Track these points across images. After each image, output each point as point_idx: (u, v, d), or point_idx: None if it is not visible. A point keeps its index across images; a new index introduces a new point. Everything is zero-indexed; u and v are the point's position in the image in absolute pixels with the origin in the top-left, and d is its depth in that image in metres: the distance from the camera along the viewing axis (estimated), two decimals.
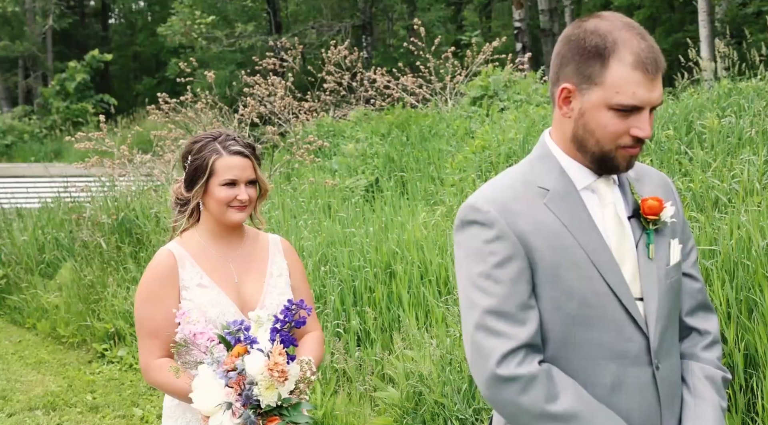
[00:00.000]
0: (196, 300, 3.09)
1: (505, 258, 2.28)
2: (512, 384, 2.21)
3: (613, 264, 2.28)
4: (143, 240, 9.22)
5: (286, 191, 9.15)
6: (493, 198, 2.34)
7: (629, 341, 2.28)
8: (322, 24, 21.29)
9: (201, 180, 3.17)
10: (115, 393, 7.57)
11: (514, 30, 17.90)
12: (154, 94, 31.81)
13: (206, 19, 20.08)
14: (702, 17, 15.40)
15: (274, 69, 12.29)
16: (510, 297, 2.26)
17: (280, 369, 2.64)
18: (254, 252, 3.30)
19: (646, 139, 2.23)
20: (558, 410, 2.21)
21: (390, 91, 12.34)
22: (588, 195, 2.35)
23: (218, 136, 3.23)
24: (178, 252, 3.18)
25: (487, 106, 10.32)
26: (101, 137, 10.62)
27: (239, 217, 3.18)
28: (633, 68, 2.19)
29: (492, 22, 27.29)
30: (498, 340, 2.24)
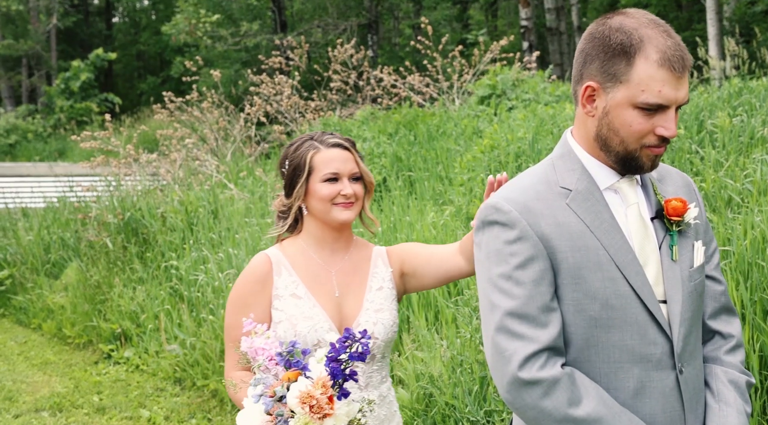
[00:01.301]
0: (287, 311, 2.84)
1: (526, 259, 2.23)
2: (534, 388, 2.16)
3: (636, 265, 2.24)
4: (149, 240, 9.17)
5: None
6: (515, 198, 2.29)
7: (652, 344, 2.24)
8: (328, 23, 21.24)
9: (300, 179, 2.90)
10: (121, 394, 7.53)
11: (521, 29, 17.82)
12: (158, 93, 31.90)
13: (211, 17, 20.02)
14: (710, 15, 15.31)
15: (280, 68, 12.23)
16: (532, 299, 2.21)
17: (315, 404, 2.31)
18: (358, 264, 3.00)
19: (671, 138, 2.19)
20: (581, 414, 2.16)
21: (397, 90, 12.28)
22: (611, 195, 2.31)
23: (314, 135, 2.99)
24: (275, 258, 2.94)
25: (495, 105, 10.26)
26: (107, 136, 10.57)
27: (346, 216, 2.90)
28: (659, 66, 2.14)
29: (498, 21, 27.24)
30: (520, 343, 2.19)
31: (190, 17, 20.21)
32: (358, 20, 21.56)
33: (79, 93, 26.87)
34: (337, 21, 21.17)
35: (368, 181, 2.99)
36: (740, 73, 10.89)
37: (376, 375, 2.94)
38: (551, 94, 10.22)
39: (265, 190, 9.51)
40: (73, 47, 36.83)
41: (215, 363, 7.14)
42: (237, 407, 2.77)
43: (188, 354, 7.50)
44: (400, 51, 22.24)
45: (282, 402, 2.36)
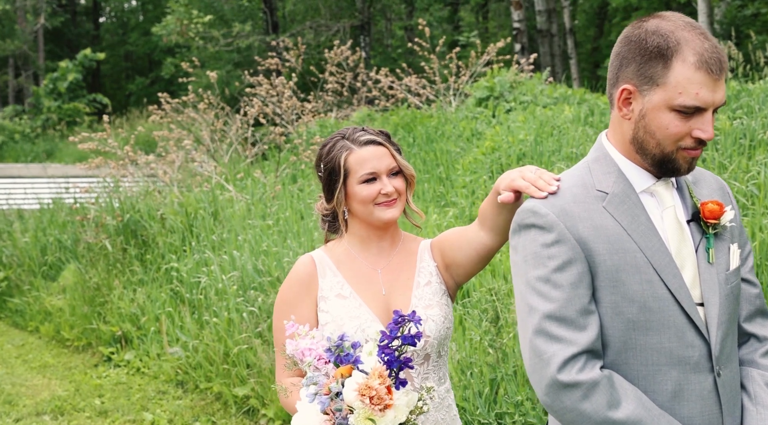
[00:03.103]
0: (333, 312, 2.77)
1: (564, 262, 2.25)
2: (574, 391, 2.18)
3: (673, 268, 2.26)
4: (149, 242, 9.14)
5: (293, 192, 9.07)
6: (552, 201, 2.31)
7: (690, 347, 2.25)
8: (320, 24, 21.23)
9: (338, 184, 2.80)
10: (123, 397, 7.49)
11: (513, 31, 17.87)
12: (147, 94, 31.79)
13: (203, 18, 19.96)
14: (702, 18, 15.39)
15: (277, 69, 12.21)
16: (570, 302, 2.23)
17: (374, 395, 2.25)
18: (404, 261, 2.90)
19: (708, 140, 2.21)
20: (620, 417, 2.17)
21: (393, 91, 12.28)
22: (647, 198, 2.32)
23: (345, 132, 2.87)
24: (319, 259, 2.87)
25: (493, 107, 10.28)
26: (104, 137, 10.52)
27: (391, 214, 2.79)
28: (696, 68, 2.16)
29: (489, 23, 27.30)
30: (558, 346, 2.21)
31: (181, 18, 20.14)
32: (351, 21, 21.56)
33: (67, 93, 26.71)
34: (330, 22, 21.17)
35: (408, 174, 2.86)
36: (735, 76, 10.94)
37: (432, 376, 2.83)
38: (549, 96, 10.25)
39: (264, 192, 9.50)
40: (60, 47, 36.64)
41: (218, 365, 7.12)
42: (287, 414, 2.74)
43: (190, 357, 7.47)
44: (393, 52, 22.29)
45: (339, 399, 2.32)
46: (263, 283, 7.16)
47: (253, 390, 6.75)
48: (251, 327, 6.87)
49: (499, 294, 5.64)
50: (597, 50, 24.30)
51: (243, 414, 6.76)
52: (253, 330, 6.87)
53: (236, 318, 7.03)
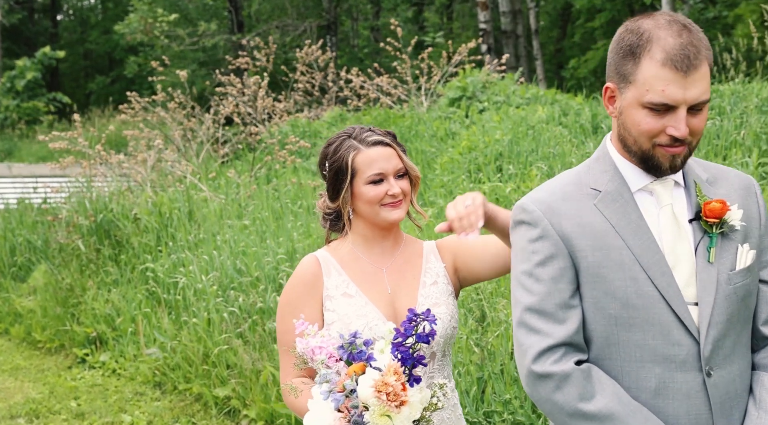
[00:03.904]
0: (339, 311, 2.77)
1: (546, 257, 2.32)
2: (548, 382, 2.26)
3: (662, 266, 2.27)
4: (123, 242, 9.04)
5: (269, 192, 9.04)
6: (541, 198, 2.38)
7: (677, 345, 2.26)
8: (287, 24, 21.15)
9: (344, 184, 2.80)
10: (100, 399, 7.41)
11: (479, 32, 17.96)
12: (108, 93, 31.37)
13: (168, 17, 19.79)
14: None
15: (247, 68, 12.16)
16: (550, 296, 2.30)
17: (390, 392, 2.26)
18: (409, 261, 2.90)
19: (682, 138, 2.20)
20: (591, 409, 2.23)
21: (364, 91, 12.29)
22: (644, 196, 2.34)
23: (352, 131, 2.86)
24: (323, 259, 2.86)
25: (466, 107, 10.34)
26: (74, 136, 10.38)
27: (396, 215, 2.80)
28: (662, 65, 2.17)
29: (453, 24, 27.43)
30: (535, 337, 2.29)
31: (145, 16, 19.95)
32: (317, 21, 21.53)
33: (26, 92, 26.29)
34: (296, 22, 21.11)
35: (414, 175, 2.88)
36: None
37: (437, 375, 2.85)
38: (521, 96, 10.34)
39: (238, 192, 9.45)
40: (18, 45, 36.05)
41: (198, 366, 7.07)
42: (293, 415, 2.69)
43: (168, 358, 7.41)
44: (360, 52, 22.29)
45: (353, 396, 2.32)
46: (243, 283, 7.13)
47: (234, 390, 6.71)
48: (232, 328, 6.84)
49: (484, 293, 5.68)
50: (560, 52, 24.54)
51: (224, 415, 6.72)
52: (234, 330, 6.84)
53: (216, 319, 6.99)
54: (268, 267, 7.16)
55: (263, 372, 6.43)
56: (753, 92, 8.34)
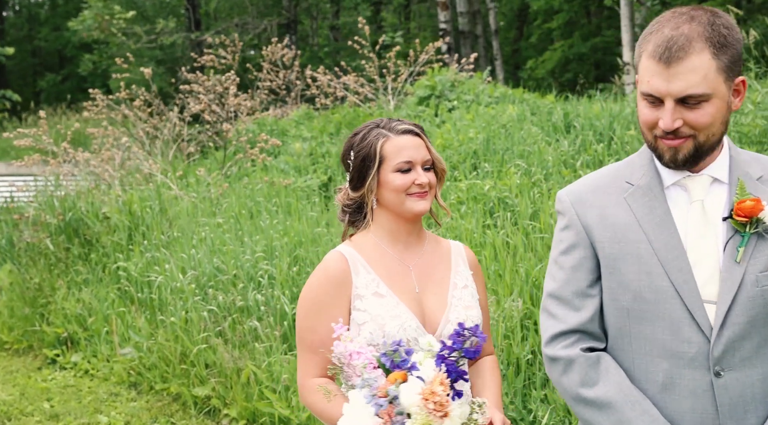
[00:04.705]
0: (371, 311, 2.67)
1: (569, 246, 2.39)
2: (556, 365, 2.35)
3: (681, 262, 2.25)
4: (93, 241, 8.90)
5: (241, 190, 8.98)
6: (574, 189, 2.45)
7: (687, 342, 2.25)
8: (247, 22, 21.00)
9: (371, 171, 2.74)
10: (74, 400, 7.29)
11: (440, 31, 18.04)
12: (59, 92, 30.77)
13: (126, 14, 19.50)
14: (624, 22, 15.81)
15: (213, 66, 12.05)
16: (568, 283, 2.37)
17: (437, 401, 2.25)
18: (436, 259, 2.85)
19: (667, 130, 2.20)
20: (591, 395, 2.29)
21: (331, 89, 12.26)
22: (678, 192, 2.33)
23: (380, 122, 2.82)
24: (350, 256, 2.75)
25: (435, 106, 10.38)
26: (39, 134, 10.19)
27: (422, 206, 2.74)
28: (649, 57, 2.21)
29: (410, 24, 27.50)
30: (551, 322, 2.38)
31: (101, 13, 19.63)
32: (277, 20, 21.40)
33: None
34: (256, 20, 20.96)
35: (440, 168, 2.84)
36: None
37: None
38: (490, 95, 10.41)
39: (208, 190, 9.37)
40: None
41: (175, 365, 6.99)
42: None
43: (144, 358, 7.32)
44: (320, 51, 22.23)
45: (396, 403, 2.30)
46: (221, 282, 7.08)
47: (214, 390, 6.66)
48: (211, 327, 6.78)
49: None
50: (517, 52, 24.75)
51: (204, 414, 6.66)
52: (213, 329, 6.78)
53: (194, 317, 6.93)
54: (247, 265, 7.12)
55: (244, 371, 6.39)
56: None
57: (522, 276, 5.89)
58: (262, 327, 6.54)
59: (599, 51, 19.99)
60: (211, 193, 9.05)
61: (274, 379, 6.23)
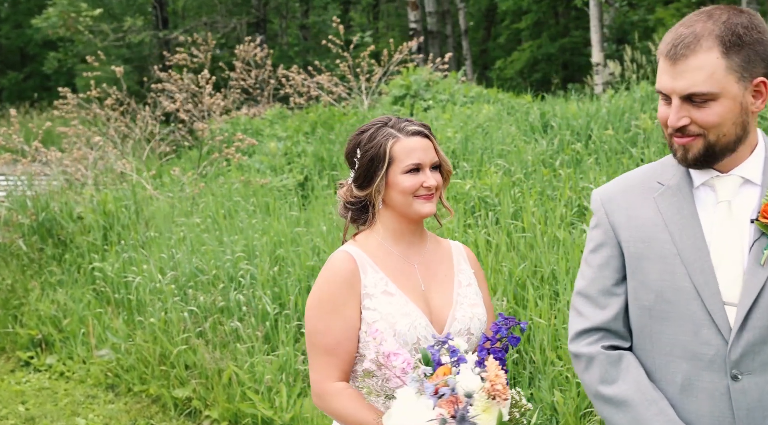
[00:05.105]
0: (381, 310, 2.67)
1: (598, 244, 2.41)
2: (579, 361, 2.39)
3: (704, 263, 2.23)
4: (67, 241, 8.78)
5: (218, 190, 8.92)
6: (606, 188, 2.46)
7: (706, 344, 2.23)
8: (216, 21, 20.85)
9: (380, 171, 2.72)
10: (50, 403, 7.18)
11: (410, 31, 18.08)
12: (21, 90, 30.29)
13: (93, 11, 19.25)
14: (593, 23, 15.97)
15: (185, 64, 11.95)
16: (595, 282, 2.39)
17: (502, 383, 2.29)
18: (439, 258, 2.87)
19: (673, 127, 2.21)
20: (608, 393, 2.31)
21: (305, 89, 12.22)
22: (707, 192, 2.31)
23: (388, 120, 2.79)
24: (357, 255, 2.75)
25: (410, 106, 10.39)
26: (8, 133, 10.03)
27: (428, 208, 2.75)
28: (660, 54, 2.24)
29: (379, 23, 27.50)
30: (577, 319, 2.41)
31: (66, 11, 19.37)
32: (247, 19, 21.29)
33: None
34: (225, 19, 20.83)
35: (447, 170, 2.83)
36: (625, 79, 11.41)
37: None
38: (465, 95, 10.44)
39: (182, 190, 9.29)
40: None
41: (154, 367, 6.92)
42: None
43: (122, 359, 7.23)
44: (290, 50, 22.14)
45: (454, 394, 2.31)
46: (201, 282, 7.02)
47: (194, 391, 6.59)
48: (192, 327, 6.71)
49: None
50: (485, 53, 24.85)
51: (184, 416, 6.60)
52: (194, 330, 6.72)
53: (174, 318, 6.86)
54: (227, 266, 7.06)
55: (226, 372, 6.34)
56: None
57: (506, 276, 5.91)
58: (243, 327, 6.50)
59: (567, 51, 20.16)
60: (187, 193, 8.97)
61: (257, 380, 6.19)
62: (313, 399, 2.75)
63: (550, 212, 6.58)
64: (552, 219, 6.49)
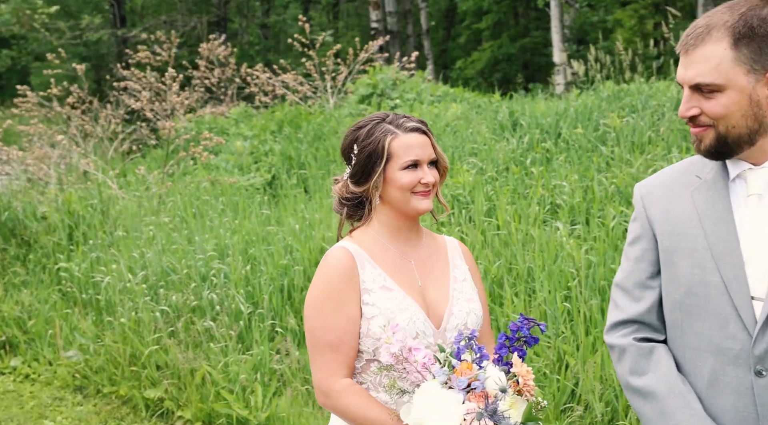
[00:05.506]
0: (380, 305, 2.66)
1: (635, 237, 2.42)
2: (613, 352, 2.41)
3: (734, 257, 2.21)
4: (31, 241, 8.61)
5: (186, 189, 8.82)
6: (647, 182, 2.47)
7: (732, 339, 2.21)
8: (176, 19, 20.62)
9: (378, 167, 2.70)
10: (15, 406, 7.03)
11: (371, 31, 18.07)
12: None
13: (48, 8, 18.91)
14: (554, 23, 16.11)
15: (149, 63, 11.79)
16: (631, 274, 2.41)
17: (530, 381, 2.32)
18: (434, 254, 2.87)
19: (682, 117, 2.22)
20: (637, 384, 2.33)
21: (269, 87, 12.14)
22: (741, 185, 2.27)
23: (385, 116, 2.77)
24: (355, 251, 2.73)
25: (377, 105, 10.38)
26: None
27: (426, 205, 2.73)
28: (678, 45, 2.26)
29: (339, 23, 27.44)
30: (614, 311, 2.43)
31: (21, 7, 19.02)
32: (207, 18, 21.10)
33: None
34: (185, 18, 20.61)
35: (443, 166, 2.82)
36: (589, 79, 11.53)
37: None
38: (432, 94, 10.46)
39: (147, 189, 9.18)
40: None
41: (125, 368, 6.82)
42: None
43: (91, 360, 7.11)
44: (251, 49, 21.98)
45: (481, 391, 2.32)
46: (172, 281, 6.93)
47: (166, 391, 6.51)
48: (164, 327, 6.63)
49: None
50: (445, 52, 24.93)
51: (156, 417, 6.50)
52: (166, 329, 6.63)
53: (145, 318, 6.76)
54: (199, 265, 6.99)
55: (199, 372, 6.27)
56: (660, 91, 8.71)
57: (481, 274, 5.92)
58: (217, 327, 6.43)
59: (528, 52, 20.30)
60: (153, 192, 8.86)
61: (231, 379, 6.13)
62: (318, 398, 2.70)
63: (524, 210, 6.61)
64: (525, 217, 6.53)
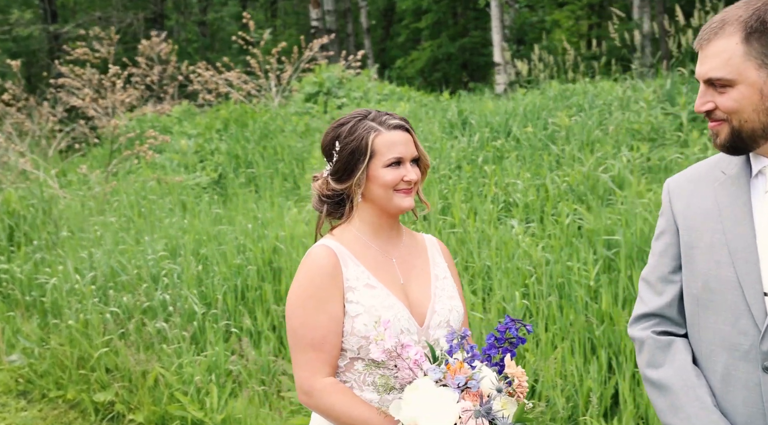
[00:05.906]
0: (364, 303, 2.64)
1: (660, 232, 2.46)
2: (635, 343, 2.45)
3: (749, 253, 2.21)
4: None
5: (132, 188, 8.63)
6: (676, 177, 2.49)
7: (743, 334, 2.22)
8: (111, 15, 20.19)
9: (361, 164, 2.69)
10: None
11: (312, 29, 17.98)
12: None
13: None
14: (495, 23, 16.22)
15: (87, 59, 11.51)
16: (655, 268, 2.44)
17: (525, 380, 2.33)
18: (415, 252, 2.86)
19: (698, 112, 2.23)
20: (654, 376, 2.36)
21: (212, 85, 11.97)
22: (763, 180, 2.27)
23: (367, 113, 2.74)
24: (337, 249, 2.71)
25: (324, 103, 10.32)
26: None
27: (408, 202, 2.72)
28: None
29: (276, 21, 27.24)
30: (638, 304, 2.47)
31: None
32: (144, 14, 20.71)
33: None
34: (120, 14, 20.20)
35: (425, 164, 2.81)
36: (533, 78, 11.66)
37: None
38: (379, 92, 10.44)
39: (89, 188, 8.96)
40: None
41: (72, 371, 6.63)
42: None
43: (35, 364, 6.90)
44: (188, 47, 21.65)
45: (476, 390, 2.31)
46: (122, 282, 6.77)
47: (117, 395, 6.35)
48: (114, 329, 6.47)
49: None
50: (384, 51, 24.95)
51: (107, 421, 6.35)
52: (116, 331, 6.48)
53: (94, 320, 6.59)
54: (149, 264, 6.84)
55: (151, 373, 6.13)
56: (605, 91, 8.84)
57: None
58: (169, 328, 6.31)
59: (467, 51, 20.42)
60: (97, 191, 8.65)
61: (185, 381, 6.02)
62: (300, 397, 2.67)
63: (478, 207, 6.63)
64: (480, 214, 6.55)
